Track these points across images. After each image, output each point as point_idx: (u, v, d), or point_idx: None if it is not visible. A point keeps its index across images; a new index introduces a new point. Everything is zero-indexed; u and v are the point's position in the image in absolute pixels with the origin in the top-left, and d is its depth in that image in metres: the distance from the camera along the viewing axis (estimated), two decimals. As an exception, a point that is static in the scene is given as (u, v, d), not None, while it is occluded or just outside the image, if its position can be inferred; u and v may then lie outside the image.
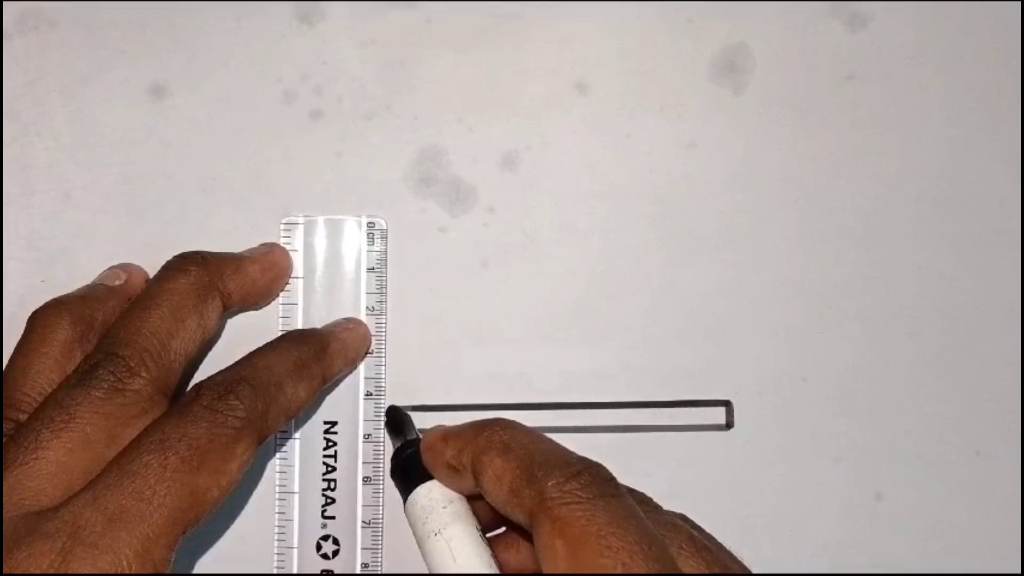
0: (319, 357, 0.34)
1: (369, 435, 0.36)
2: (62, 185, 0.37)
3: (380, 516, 0.36)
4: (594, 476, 0.28)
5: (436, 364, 0.37)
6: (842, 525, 0.37)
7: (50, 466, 0.29)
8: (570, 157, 0.37)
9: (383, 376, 0.36)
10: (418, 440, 0.33)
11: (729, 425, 0.36)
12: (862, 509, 0.37)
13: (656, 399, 0.36)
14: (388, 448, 0.36)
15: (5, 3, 0.37)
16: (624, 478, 0.35)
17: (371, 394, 0.36)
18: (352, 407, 0.36)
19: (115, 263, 0.36)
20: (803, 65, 0.37)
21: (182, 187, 0.37)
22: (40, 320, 0.33)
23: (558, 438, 0.36)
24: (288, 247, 0.36)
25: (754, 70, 0.37)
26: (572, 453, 0.29)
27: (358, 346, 0.36)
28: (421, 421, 0.36)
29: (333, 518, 0.36)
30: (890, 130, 0.37)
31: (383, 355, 0.36)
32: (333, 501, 0.36)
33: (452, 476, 0.31)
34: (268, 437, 0.31)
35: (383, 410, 0.36)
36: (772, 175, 0.37)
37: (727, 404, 0.36)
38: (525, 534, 0.31)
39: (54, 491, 0.29)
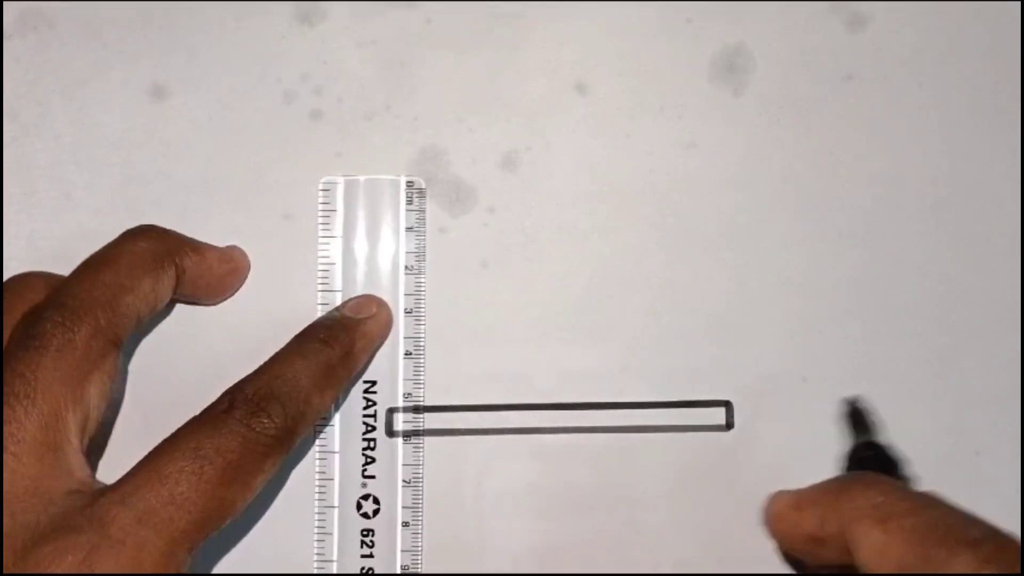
0: (345, 360, 0.34)
1: (409, 394, 0.36)
2: (62, 185, 0.37)
3: (421, 475, 0.36)
4: (1002, 552, 0.24)
5: (436, 364, 0.37)
6: (842, 525, 0.37)
7: (30, 447, 0.29)
8: (570, 157, 0.37)
9: (423, 336, 0.36)
10: (877, 446, 0.30)
11: (729, 425, 0.36)
12: (862, 509, 0.37)
13: (656, 399, 0.36)
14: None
15: (5, 3, 0.37)
16: (624, 478, 0.35)
17: (410, 353, 0.36)
18: (392, 366, 0.36)
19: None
20: (803, 65, 0.37)
21: (182, 187, 0.37)
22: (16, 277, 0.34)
23: (558, 438, 0.36)
24: (327, 207, 0.36)
25: (754, 70, 0.37)
26: (967, 519, 0.26)
27: (382, 334, 0.36)
28: (420, 422, 0.36)
29: (373, 477, 0.36)
30: (890, 130, 0.37)
31: (423, 314, 0.36)
32: (373, 460, 0.36)
33: (814, 549, 0.29)
34: (293, 449, 0.32)
35: (422, 369, 0.36)
36: (772, 175, 0.37)
37: (727, 404, 0.36)
38: None
39: (43, 469, 0.29)
